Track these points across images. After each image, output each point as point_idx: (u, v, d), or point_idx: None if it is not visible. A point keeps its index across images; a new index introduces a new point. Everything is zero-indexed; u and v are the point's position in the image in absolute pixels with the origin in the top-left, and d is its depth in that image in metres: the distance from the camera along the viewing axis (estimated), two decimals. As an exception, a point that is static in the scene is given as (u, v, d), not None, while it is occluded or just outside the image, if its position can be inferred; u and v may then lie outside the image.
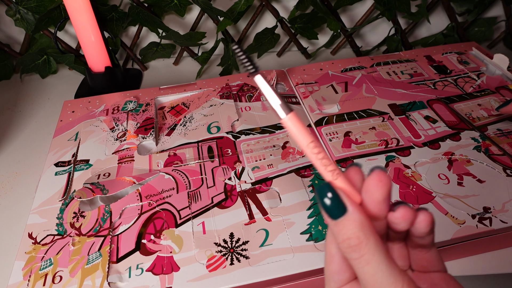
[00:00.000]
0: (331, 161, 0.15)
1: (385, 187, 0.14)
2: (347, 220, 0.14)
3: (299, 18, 0.49)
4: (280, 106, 0.16)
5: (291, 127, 0.15)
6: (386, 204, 0.15)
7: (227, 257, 0.25)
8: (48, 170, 0.32)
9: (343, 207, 0.14)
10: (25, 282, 0.24)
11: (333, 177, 0.15)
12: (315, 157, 0.15)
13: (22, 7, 0.44)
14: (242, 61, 0.16)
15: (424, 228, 0.15)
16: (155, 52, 0.51)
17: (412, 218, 0.15)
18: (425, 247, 0.16)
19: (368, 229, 0.14)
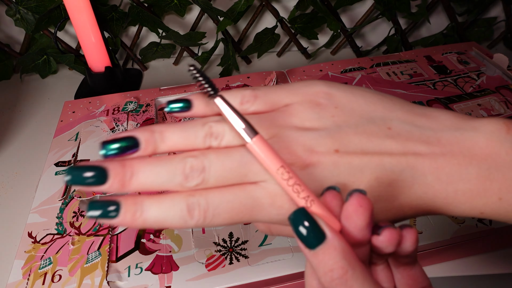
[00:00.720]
0: (304, 186, 0.14)
1: (366, 212, 0.13)
2: (327, 249, 0.13)
3: (299, 18, 0.50)
4: (244, 130, 0.14)
5: (257, 152, 0.14)
6: (369, 229, 0.14)
7: (226, 256, 0.25)
8: (48, 170, 0.32)
9: (322, 234, 0.13)
10: (25, 281, 0.24)
11: (307, 204, 0.14)
12: (286, 183, 0.14)
13: (22, 7, 0.44)
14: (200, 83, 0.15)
15: (411, 246, 0.14)
16: (155, 52, 0.52)
17: (398, 238, 0.14)
18: (409, 264, 0.15)
19: (352, 257, 0.13)
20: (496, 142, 0.15)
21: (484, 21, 0.52)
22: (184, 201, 0.15)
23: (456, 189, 0.15)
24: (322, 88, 0.17)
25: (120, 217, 0.15)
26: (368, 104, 0.16)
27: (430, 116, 0.16)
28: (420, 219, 0.27)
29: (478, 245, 0.27)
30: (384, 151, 0.15)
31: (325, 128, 0.16)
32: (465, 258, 0.28)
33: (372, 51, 0.55)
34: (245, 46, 0.53)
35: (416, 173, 0.15)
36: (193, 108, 0.17)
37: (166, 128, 0.16)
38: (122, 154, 0.15)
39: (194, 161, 0.15)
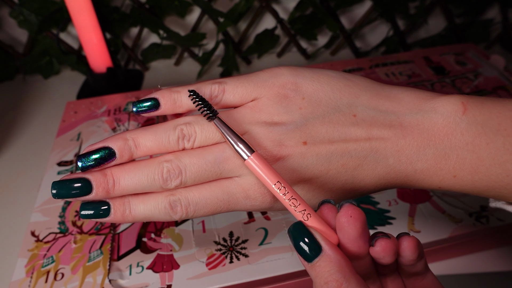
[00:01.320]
0: (301, 200, 0.14)
1: (357, 222, 0.13)
2: (323, 261, 0.13)
3: (299, 19, 0.50)
4: (240, 149, 0.15)
5: (254, 169, 0.15)
6: (364, 239, 0.14)
7: (227, 255, 0.25)
8: (51, 170, 0.32)
9: (318, 248, 0.13)
10: (28, 279, 0.24)
11: (304, 217, 0.14)
12: (282, 198, 0.14)
13: (25, 9, 0.45)
14: (199, 107, 0.15)
15: (411, 255, 0.14)
16: (156, 53, 0.52)
17: (394, 248, 0.14)
18: (419, 274, 0.15)
19: (347, 270, 0.13)
20: (452, 123, 0.16)
21: (481, 23, 0.52)
22: (167, 200, 0.16)
23: (415, 169, 0.16)
24: (288, 78, 0.17)
25: (111, 215, 0.16)
26: (335, 91, 0.17)
27: (394, 98, 0.17)
28: (418, 219, 0.27)
29: (476, 243, 0.27)
30: (349, 138, 0.16)
31: (293, 121, 0.16)
32: (462, 257, 0.28)
33: (371, 52, 0.55)
34: (245, 47, 0.54)
35: (379, 156, 0.16)
36: (161, 107, 0.17)
37: (138, 135, 0.16)
38: (100, 165, 0.16)
39: (170, 166, 0.16)
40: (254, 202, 0.16)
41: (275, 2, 0.50)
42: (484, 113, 0.16)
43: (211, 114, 0.16)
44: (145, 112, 0.17)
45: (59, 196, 0.15)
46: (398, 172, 0.16)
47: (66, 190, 0.15)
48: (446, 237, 0.26)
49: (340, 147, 0.16)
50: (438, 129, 0.16)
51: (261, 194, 0.16)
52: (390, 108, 0.16)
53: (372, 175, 0.16)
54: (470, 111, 0.16)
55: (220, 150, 0.16)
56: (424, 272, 0.15)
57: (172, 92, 0.17)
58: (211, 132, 0.16)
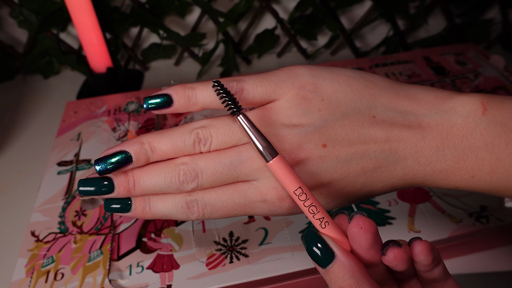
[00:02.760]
0: (320, 207, 0.14)
1: (368, 233, 0.14)
2: (336, 267, 0.13)
3: (299, 19, 0.50)
4: (264, 150, 0.14)
5: (277, 172, 0.14)
6: (376, 249, 0.14)
7: (227, 255, 0.25)
8: (50, 170, 0.32)
9: (332, 254, 0.14)
10: (28, 279, 0.24)
11: (321, 225, 0.14)
12: (302, 203, 0.14)
13: (25, 9, 0.45)
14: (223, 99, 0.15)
15: (425, 260, 0.14)
16: (156, 53, 0.52)
17: (406, 255, 0.14)
18: (438, 280, 0.15)
19: (360, 275, 0.13)
20: (472, 124, 0.15)
21: (481, 23, 0.52)
22: (184, 200, 0.16)
23: (433, 169, 0.16)
24: (307, 79, 0.16)
25: (132, 211, 0.17)
26: (354, 92, 0.16)
27: (413, 98, 0.17)
28: (418, 219, 0.27)
29: (476, 243, 0.27)
30: (368, 139, 0.16)
31: (312, 123, 0.16)
32: (462, 257, 0.28)
33: (371, 52, 0.55)
34: (245, 47, 0.54)
35: (398, 157, 0.16)
36: (174, 104, 0.16)
37: (154, 138, 0.16)
38: (118, 169, 0.16)
39: (186, 169, 0.16)
40: (272, 206, 0.16)
41: (275, 2, 0.50)
42: (504, 113, 0.15)
43: (235, 109, 0.15)
44: (156, 109, 0.16)
45: (84, 193, 0.16)
46: (417, 172, 0.16)
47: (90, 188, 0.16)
48: (446, 237, 0.26)
49: (359, 149, 0.16)
50: (458, 130, 0.15)
51: (278, 198, 0.16)
52: (409, 109, 0.16)
53: (390, 177, 0.16)
54: (490, 111, 0.15)
55: (236, 153, 0.16)
56: (443, 278, 0.15)
57: (186, 88, 0.16)
58: (227, 135, 0.16)
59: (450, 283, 0.15)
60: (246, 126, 0.15)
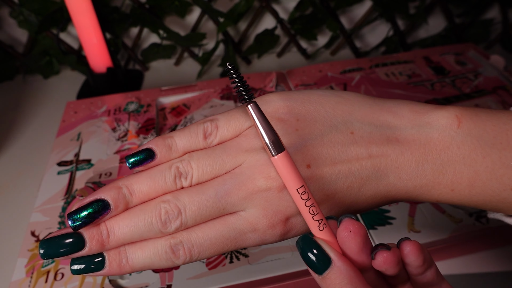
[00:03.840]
0: (319, 209, 0.14)
1: (357, 237, 0.13)
2: (333, 274, 0.13)
3: (299, 19, 0.50)
4: (271, 143, 0.14)
5: (280, 168, 0.14)
6: (366, 253, 0.14)
7: (227, 255, 0.25)
8: (50, 170, 0.32)
9: (328, 260, 0.13)
10: (28, 279, 0.24)
11: (319, 227, 0.14)
12: (303, 203, 0.14)
13: (25, 9, 0.45)
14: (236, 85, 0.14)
15: (416, 260, 0.14)
16: (156, 53, 0.52)
17: (396, 258, 0.13)
18: (432, 284, 0.14)
19: (357, 280, 0.13)
20: (448, 137, 0.15)
21: (481, 23, 0.52)
22: (167, 243, 0.15)
23: (414, 185, 0.16)
24: (279, 103, 0.16)
25: (106, 268, 0.15)
26: (327, 110, 0.16)
27: (388, 112, 0.16)
28: (418, 219, 0.27)
29: (476, 243, 0.27)
30: (351, 158, 0.16)
31: (292, 143, 0.15)
32: (462, 257, 0.28)
33: (371, 52, 0.55)
34: (245, 47, 0.54)
35: (381, 174, 0.16)
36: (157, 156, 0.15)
37: (132, 181, 0.15)
38: (94, 221, 0.15)
39: (168, 206, 0.15)
40: (263, 235, 0.15)
41: (275, 2, 0.50)
42: (479, 125, 0.15)
43: (247, 97, 0.14)
44: (140, 165, 0.15)
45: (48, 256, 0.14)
46: (399, 189, 0.16)
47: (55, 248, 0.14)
48: (446, 237, 0.26)
49: (344, 168, 0.15)
50: (435, 144, 0.15)
51: (270, 226, 0.15)
52: (385, 123, 0.16)
53: (374, 194, 0.16)
54: (465, 124, 0.15)
55: (219, 183, 0.15)
56: (437, 282, 0.15)
57: (165, 138, 0.16)
58: (209, 165, 0.15)
59: (444, 286, 0.15)
60: (255, 117, 0.14)
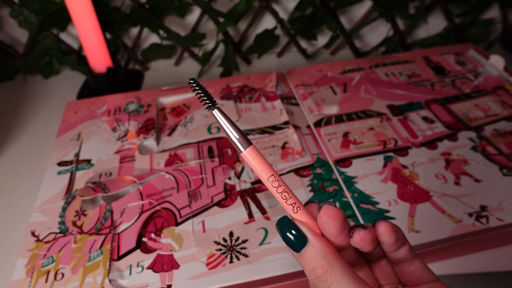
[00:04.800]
0: (291, 194, 0.15)
1: (336, 221, 0.14)
2: (309, 251, 0.14)
3: (299, 19, 0.50)
4: (238, 141, 0.15)
5: (250, 161, 0.15)
6: (345, 234, 0.15)
7: (227, 255, 0.25)
8: (50, 170, 0.32)
9: (304, 239, 0.14)
10: (28, 279, 0.24)
11: (293, 210, 0.15)
12: (275, 190, 0.15)
13: (25, 9, 0.45)
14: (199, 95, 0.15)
15: (389, 239, 0.15)
16: (156, 53, 0.52)
17: (371, 237, 0.15)
18: (405, 260, 0.16)
19: (331, 256, 0.14)
20: None
21: (481, 23, 0.52)
22: None
23: None
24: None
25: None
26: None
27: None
28: (418, 219, 0.27)
29: (476, 243, 0.27)
30: None
31: None
32: (462, 257, 0.28)
33: (371, 52, 0.55)
34: (245, 47, 0.54)
35: None
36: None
37: None
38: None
39: None
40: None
41: (275, 2, 0.50)
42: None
43: (210, 104, 0.16)
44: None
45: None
46: None
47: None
48: (446, 237, 0.26)
49: None
50: None
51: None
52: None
53: None
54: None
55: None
56: (410, 258, 0.16)
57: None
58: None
59: (417, 263, 0.16)
60: (221, 119, 0.16)
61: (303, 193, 0.29)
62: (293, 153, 0.33)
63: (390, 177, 0.30)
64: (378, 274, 0.17)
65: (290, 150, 0.33)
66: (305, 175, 0.30)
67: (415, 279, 0.16)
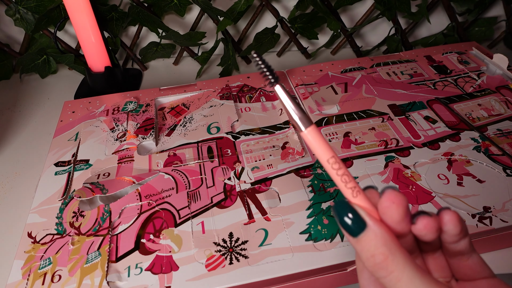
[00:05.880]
0: (351, 177, 0.15)
1: (400, 207, 0.14)
2: (368, 236, 0.13)
3: (299, 18, 0.49)
4: (300, 119, 0.15)
5: (310, 141, 0.15)
6: (407, 221, 0.14)
7: (226, 256, 0.25)
8: (48, 170, 0.32)
9: (363, 223, 0.14)
10: (24, 281, 0.24)
11: (353, 194, 0.14)
12: (335, 173, 0.15)
13: (21, 7, 0.44)
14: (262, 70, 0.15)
15: (454, 229, 0.14)
16: (155, 52, 0.52)
17: (436, 225, 0.14)
18: (463, 253, 0.15)
19: (392, 243, 0.13)
20: None
21: (485, 21, 0.52)
22: None
23: None
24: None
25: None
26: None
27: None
28: (420, 219, 0.27)
29: (479, 245, 0.27)
30: None
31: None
32: (465, 258, 0.28)
33: (372, 51, 0.54)
34: (245, 46, 0.53)
35: None
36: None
37: None
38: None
39: None
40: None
41: (275, 0, 0.50)
42: None
43: (273, 80, 0.15)
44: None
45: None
46: None
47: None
48: (449, 238, 0.26)
49: None
50: None
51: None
52: None
53: None
54: None
55: None
56: (469, 252, 0.15)
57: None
58: None
59: (475, 258, 0.15)
60: (283, 96, 0.15)
61: (303, 193, 0.29)
62: (293, 153, 0.32)
63: (392, 178, 0.30)
64: (431, 266, 0.16)
65: (290, 150, 0.33)
66: (305, 175, 0.30)
67: (472, 274, 0.15)
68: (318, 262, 0.24)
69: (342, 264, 0.24)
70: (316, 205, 0.28)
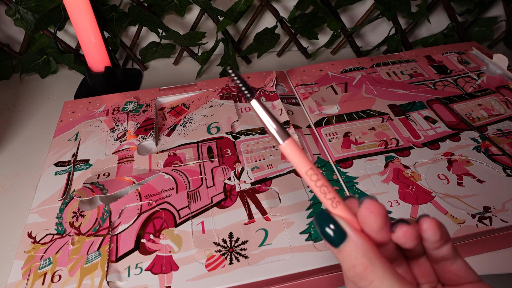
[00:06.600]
0: (331, 188, 0.15)
1: (378, 217, 0.14)
2: (348, 246, 0.14)
3: (299, 18, 0.49)
4: (277, 133, 0.15)
5: (288, 153, 0.15)
6: (386, 229, 0.14)
7: (226, 256, 0.25)
8: (48, 170, 0.32)
9: (344, 234, 0.14)
10: (24, 281, 0.24)
11: (332, 205, 0.15)
12: (314, 184, 0.15)
13: (21, 7, 0.44)
14: (238, 86, 0.15)
15: (433, 236, 0.14)
16: (155, 52, 0.52)
17: (415, 232, 0.14)
18: (447, 259, 0.15)
19: (372, 253, 0.13)
20: None
21: (485, 21, 0.52)
22: None
23: None
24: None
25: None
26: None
27: None
28: (420, 219, 0.27)
29: (479, 245, 0.27)
30: None
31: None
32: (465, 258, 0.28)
33: (372, 51, 0.54)
34: (245, 46, 0.53)
35: None
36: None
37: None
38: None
39: None
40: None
41: (275, 0, 0.50)
42: None
43: (249, 95, 0.15)
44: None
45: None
46: None
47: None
48: (449, 238, 0.26)
49: None
50: None
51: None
52: None
53: None
54: None
55: None
56: (452, 257, 0.15)
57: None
58: None
59: (459, 263, 0.15)
60: (259, 110, 0.15)
61: (303, 193, 0.29)
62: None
63: (392, 178, 0.30)
64: (416, 272, 0.16)
65: (290, 150, 0.32)
66: (306, 175, 0.30)
67: (457, 279, 0.15)
68: (318, 262, 0.24)
69: (342, 264, 0.24)
70: (316, 205, 0.28)
